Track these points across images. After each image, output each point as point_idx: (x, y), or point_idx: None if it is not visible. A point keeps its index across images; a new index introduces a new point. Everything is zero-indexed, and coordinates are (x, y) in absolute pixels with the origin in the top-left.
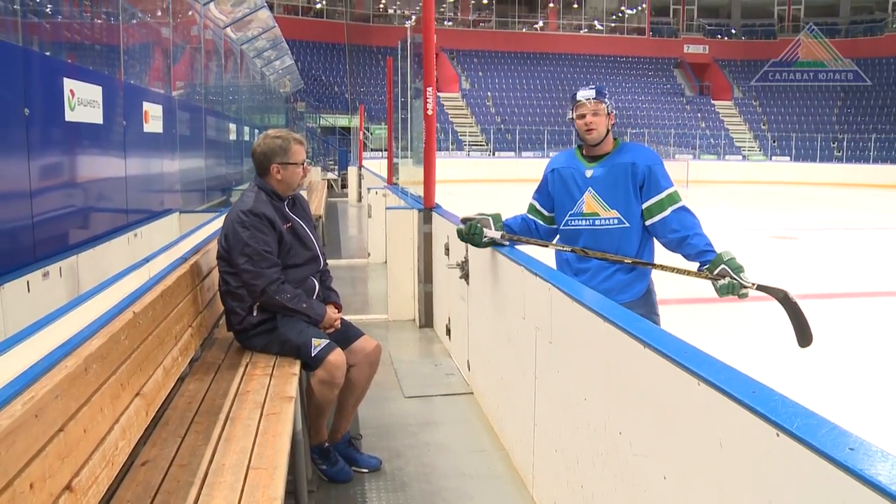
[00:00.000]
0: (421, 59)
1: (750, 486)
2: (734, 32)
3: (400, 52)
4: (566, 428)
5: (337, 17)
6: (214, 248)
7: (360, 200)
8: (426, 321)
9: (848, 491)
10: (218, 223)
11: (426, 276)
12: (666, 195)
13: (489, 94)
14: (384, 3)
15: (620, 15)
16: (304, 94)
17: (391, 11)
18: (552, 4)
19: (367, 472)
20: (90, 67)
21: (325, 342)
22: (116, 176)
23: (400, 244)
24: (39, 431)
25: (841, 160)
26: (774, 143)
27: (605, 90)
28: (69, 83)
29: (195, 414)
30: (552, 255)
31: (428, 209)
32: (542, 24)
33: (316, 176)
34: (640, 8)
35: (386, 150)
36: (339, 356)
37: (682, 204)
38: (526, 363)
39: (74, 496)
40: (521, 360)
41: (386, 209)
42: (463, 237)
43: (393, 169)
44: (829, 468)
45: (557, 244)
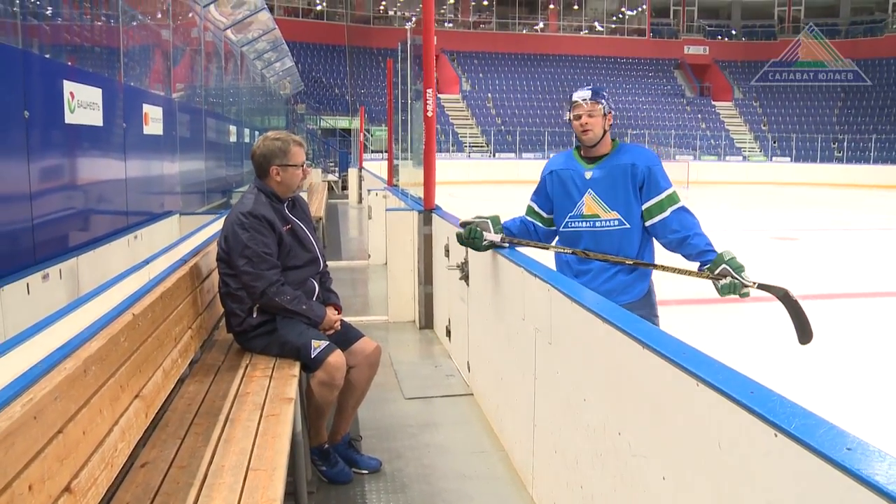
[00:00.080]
0: (421, 60)
1: (748, 486)
2: (734, 33)
3: (400, 53)
4: (566, 429)
5: (337, 18)
6: (214, 249)
7: (360, 202)
8: (426, 322)
9: (845, 491)
10: (218, 225)
11: (426, 277)
12: (665, 196)
13: (489, 95)
14: (384, 4)
15: (621, 16)
16: (304, 95)
17: (391, 13)
18: (552, 6)
19: (366, 473)
20: (90, 70)
21: (324, 344)
22: (116, 178)
23: (400, 246)
24: (38, 433)
25: (841, 161)
26: (775, 143)
27: (602, 91)
28: (69, 85)
29: (195, 415)
30: (551, 256)
31: (428, 211)
32: (542, 25)
33: (316, 177)
34: (640, 9)
35: (386, 151)
36: (338, 357)
37: (681, 204)
38: (526, 364)
39: (73, 498)
40: (520, 361)
41: (386, 211)
42: (463, 241)
43: (393, 170)
44: (826, 468)
45: (558, 246)
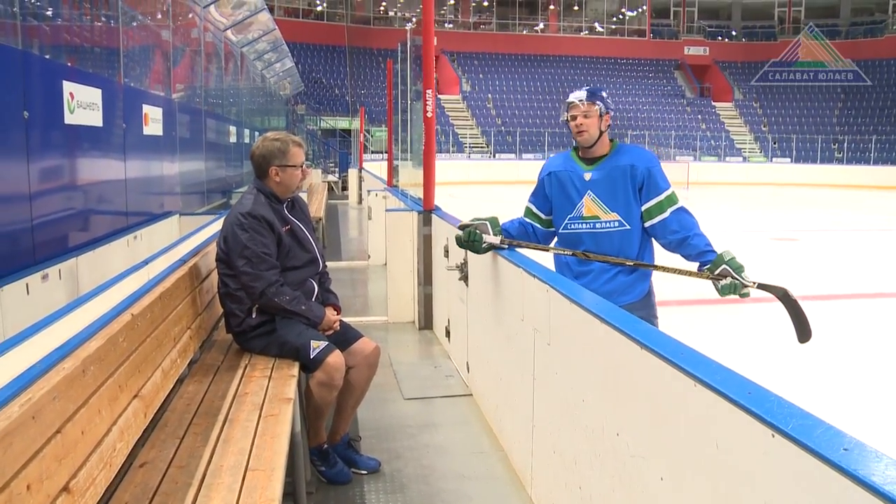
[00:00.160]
0: (421, 61)
1: (746, 486)
2: (734, 34)
3: (400, 54)
4: (564, 429)
5: (337, 19)
6: (213, 250)
7: (360, 202)
8: (426, 323)
9: (842, 491)
10: (217, 225)
11: (426, 278)
12: (665, 197)
13: (490, 95)
14: (384, 5)
15: (621, 17)
16: (304, 96)
17: (391, 14)
18: (553, 6)
19: (366, 473)
20: (90, 70)
21: (323, 344)
22: (116, 178)
23: (400, 246)
24: (37, 433)
25: (841, 161)
26: (775, 144)
27: (600, 92)
28: (69, 86)
29: (194, 415)
30: (550, 256)
31: (427, 211)
32: (542, 26)
33: (317, 178)
34: (640, 10)
35: (386, 152)
36: (337, 358)
37: (680, 205)
38: (524, 365)
39: (72, 497)
40: (519, 361)
41: (386, 211)
42: (462, 244)
43: (393, 171)
44: (823, 468)
45: (558, 248)
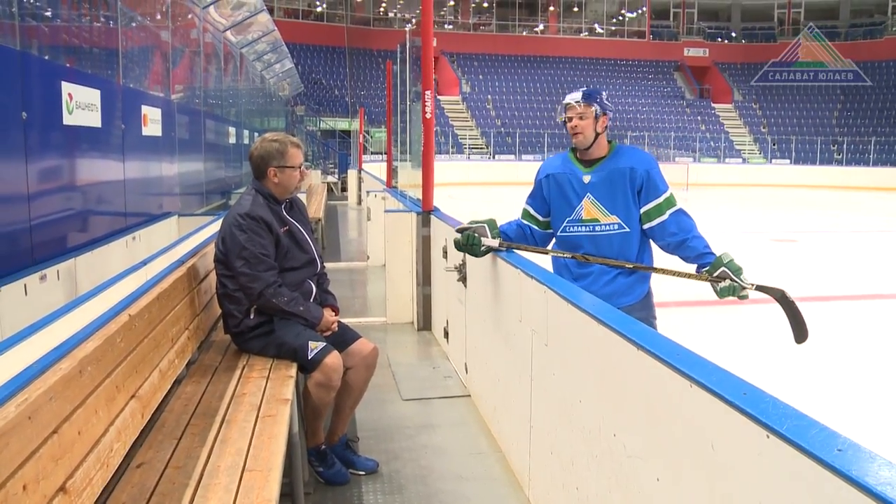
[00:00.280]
0: (420, 62)
1: (741, 487)
2: (734, 35)
3: (399, 55)
4: (562, 430)
5: (337, 20)
6: (212, 250)
7: (359, 203)
8: (424, 324)
9: (836, 491)
10: (216, 226)
11: (424, 279)
12: (664, 199)
13: (489, 97)
14: (384, 6)
15: (621, 18)
16: (304, 97)
17: (391, 15)
18: (552, 8)
19: (363, 474)
20: (89, 71)
21: (321, 345)
22: (115, 179)
23: (398, 247)
24: (33, 433)
25: (841, 163)
26: (774, 145)
27: (597, 93)
28: (67, 87)
29: (191, 416)
30: (548, 258)
31: (426, 212)
32: (542, 27)
33: (316, 179)
34: (640, 11)
35: (386, 153)
36: (335, 359)
37: (679, 207)
38: (522, 366)
39: (68, 497)
40: (517, 362)
41: (385, 212)
42: (460, 248)
43: (392, 172)
44: (818, 469)
45: (556, 250)
